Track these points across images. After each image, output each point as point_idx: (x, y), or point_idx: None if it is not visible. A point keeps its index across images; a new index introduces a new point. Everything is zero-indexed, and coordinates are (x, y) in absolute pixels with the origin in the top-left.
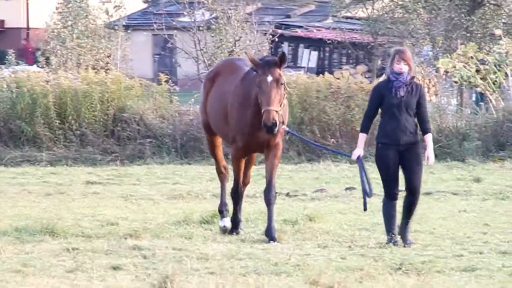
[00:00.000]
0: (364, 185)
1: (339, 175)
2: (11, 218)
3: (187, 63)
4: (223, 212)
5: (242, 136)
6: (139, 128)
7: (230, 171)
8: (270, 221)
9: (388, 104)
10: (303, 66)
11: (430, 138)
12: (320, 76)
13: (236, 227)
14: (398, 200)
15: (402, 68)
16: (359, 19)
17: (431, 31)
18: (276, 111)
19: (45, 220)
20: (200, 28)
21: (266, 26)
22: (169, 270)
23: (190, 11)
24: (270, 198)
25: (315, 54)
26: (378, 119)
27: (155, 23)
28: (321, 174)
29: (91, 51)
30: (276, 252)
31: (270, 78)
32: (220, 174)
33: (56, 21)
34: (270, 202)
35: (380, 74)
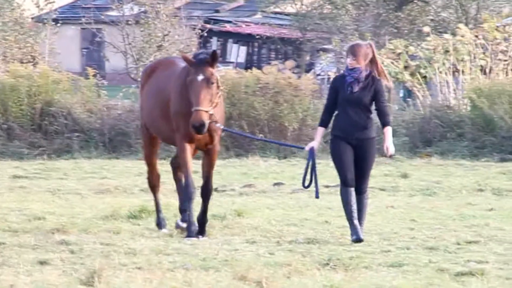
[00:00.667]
0: (305, 175)
1: (267, 171)
2: None
3: (115, 58)
4: (161, 225)
5: (185, 123)
6: (66, 122)
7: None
8: (202, 216)
9: (341, 99)
10: (232, 61)
11: (389, 130)
12: (248, 71)
13: (196, 229)
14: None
15: (352, 63)
16: (288, 14)
17: (359, 27)
18: (205, 111)
19: None
20: (129, 22)
21: (195, 21)
22: (96, 265)
23: (118, 5)
24: (207, 194)
25: (244, 49)
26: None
27: (83, 16)
28: (249, 169)
29: (18, 44)
30: (204, 247)
31: (200, 77)
32: (154, 187)
33: None
34: (207, 197)
35: (309, 70)
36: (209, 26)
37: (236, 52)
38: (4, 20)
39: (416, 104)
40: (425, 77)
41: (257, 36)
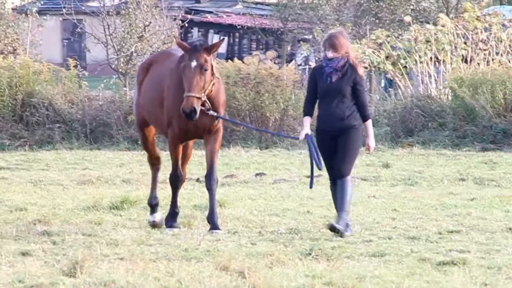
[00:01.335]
0: (312, 159)
1: (249, 161)
2: None
3: (96, 48)
4: (153, 206)
5: (177, 119)
6: (48, 113)
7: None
8: (212, 208)
9: (320, 90)
10: None
11: (369, 124)
12: (229, 61)
13: (174, 219)
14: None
15: (330, 55)
16: (269, 4)
17: (340, 17)
18: (197, 97)
19: None
20: (110, 13)
21: (175, 12)
22: (78, 255)
23: None
24: (211, 183)
25: (225, 39)
26: None
27: (64, 7)
28: (231, 159)
29: None
30: (186, 238)
31: (194, 64)
32: (152, 165)
33: None
34: (211, 187)
35: (290, 60)
36: (190, 16)
37: None
38: None
39: (398, 94)
40: (405, 67)
41: (238, 27)
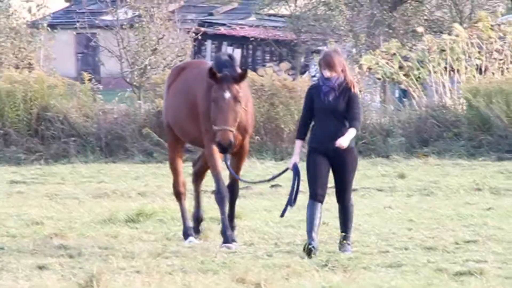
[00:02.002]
0: (292, 193)
1: (264, 173)
2: None
3: (110, 62)
4: (187, 235)
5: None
6: (63, 127)
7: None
8: (230, 219)
9: (317, 109)
10: None
11: (351, 130)
12: None
13: (229, 240)
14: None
15: (327, 74)
16: (282, 16)
17: (353, 28)
18: (231, 131)
19: None
20: (123, 27)
21: (189, 24)
22: (95, 269)
23: (112, 10)
24: (232, 194)
25: (238, 51)
26: None
27: (78, 21)
28: (246, 171)
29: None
30: (202, 250)
31: (227, 95)
32: (178, 193)
33: None
34: (233, 199)
35: (304, 72)
36: (203, 29)
37: None
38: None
39: (412, 104)
40: (419, 77)
41: (251, 39)
